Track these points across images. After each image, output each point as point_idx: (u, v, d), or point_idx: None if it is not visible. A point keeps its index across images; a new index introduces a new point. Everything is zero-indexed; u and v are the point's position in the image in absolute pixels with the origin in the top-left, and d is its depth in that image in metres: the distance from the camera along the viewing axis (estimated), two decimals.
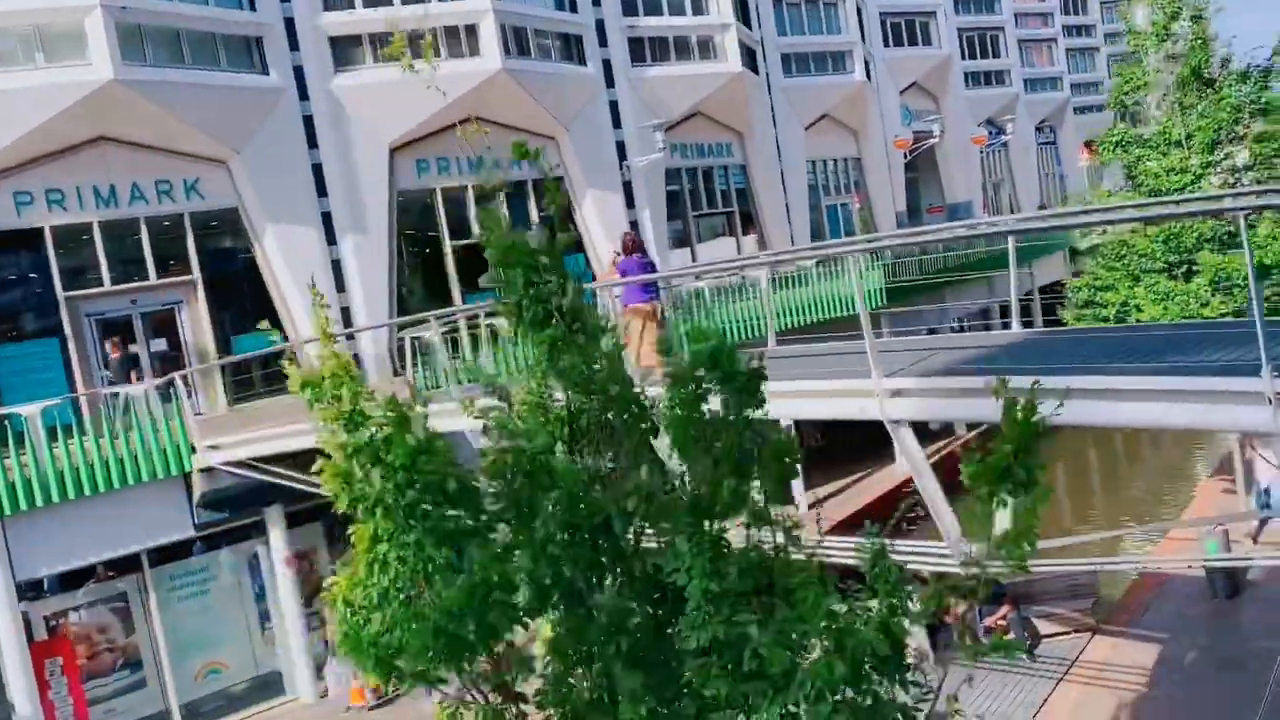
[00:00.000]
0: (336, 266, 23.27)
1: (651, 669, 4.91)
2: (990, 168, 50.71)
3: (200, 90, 20.96)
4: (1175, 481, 27.22)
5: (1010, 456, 4.67)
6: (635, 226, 27.80)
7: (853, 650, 4.76)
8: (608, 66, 29.20)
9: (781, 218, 35.27)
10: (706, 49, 31.71)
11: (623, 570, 5.07)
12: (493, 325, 16.62)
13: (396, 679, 4.75)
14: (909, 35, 45.26)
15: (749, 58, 33.39)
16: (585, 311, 5.26)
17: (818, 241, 35.56)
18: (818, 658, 4.81)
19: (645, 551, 5.21)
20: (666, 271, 20.19)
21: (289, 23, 23.12)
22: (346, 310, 23.04)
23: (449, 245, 25.57)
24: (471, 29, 24.83)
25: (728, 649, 4.79)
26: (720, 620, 4.77)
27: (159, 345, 21.30)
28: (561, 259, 5.32)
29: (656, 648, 5.01)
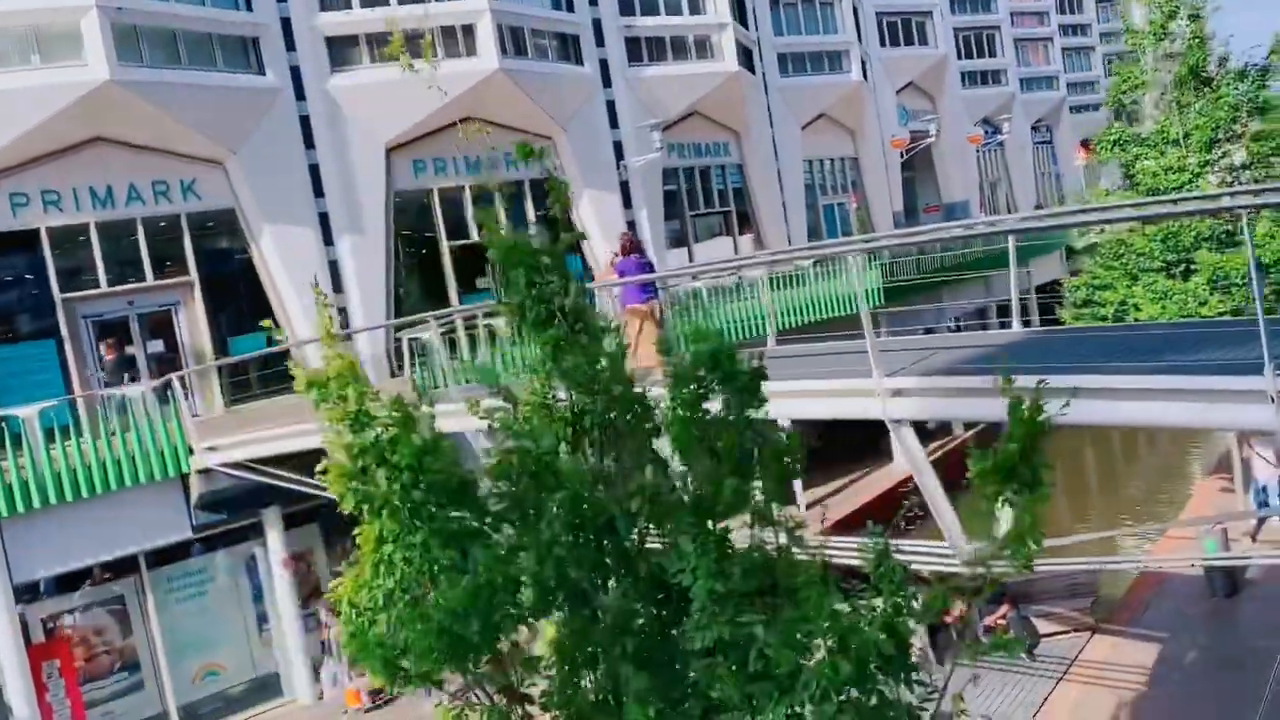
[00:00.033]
0: (334, 267, 23.20)
1: (657, 670, 4.89)
2: (987, 167, 50.77)
3: (196, 91, 20.91)
4: (1172, 481, 27.22)
5: (1016, 456, 4.67)
6: (632, 226, 27.80)
7: (857, 650, 4.75)
8: (605, 66, 29.17)
9: (778, 217, 35.27)
10: (703, 49, 31.70)
11: (627, 571, 5.05)
12: (490, 326, 16.62)
13: (402, 680, 4.73)
14: (905, 35, 45.31)
15: (746, 57, 33.37)
16: (588, 312, 5.25)
17: (815, 241, 35.58)
18: (822, 658, 4.80)
19: (649, 552, 5.19)
20: (664, 272, 20.15)
21: (285, 23, 23.07)
22: (344, 311, 22.99)
23: (446, 246, 25.51)
24: (468, 29, 24.79)
25: (733, 649, 4.78)
26: (725, 621, 4.75)
27: (156, 346, 21.24)
28: (564, 259, 5.31)
29: (661, 648, 4.99)
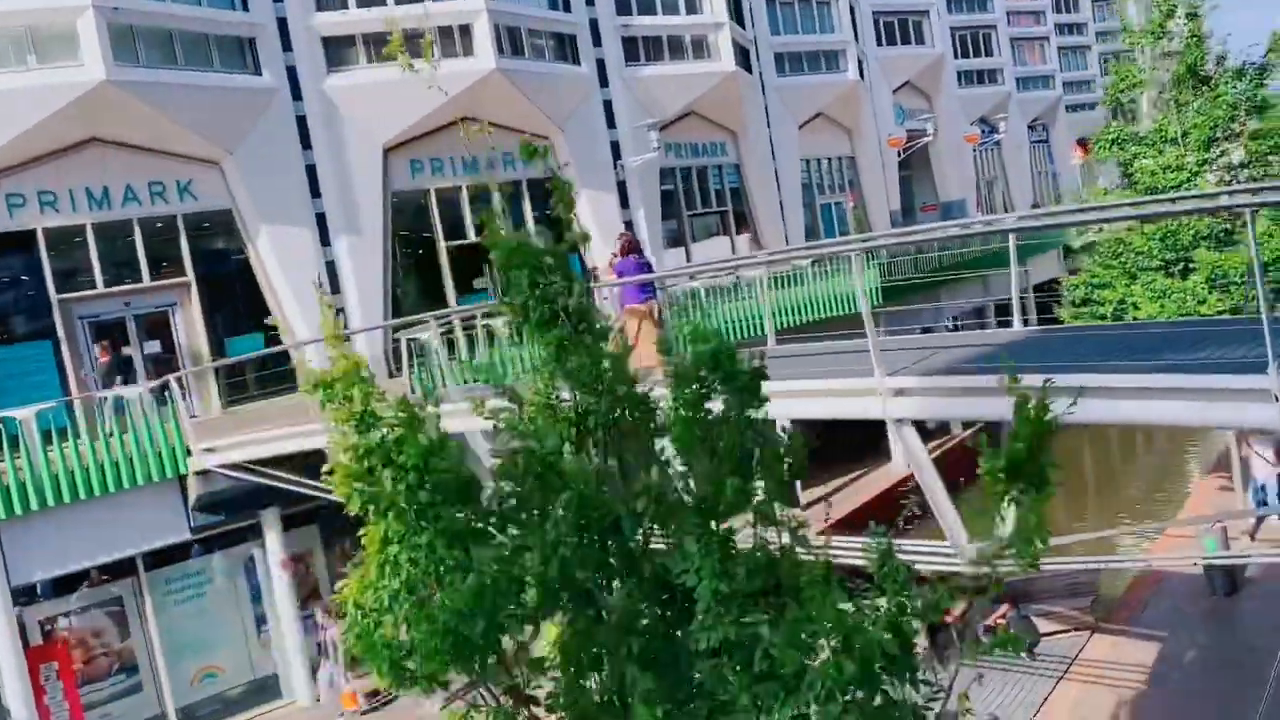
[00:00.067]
0: (331, 268, 23.16)
1: (662, 671, 4.87)
2: (983, 166, 50.82)
3: (193, 91, 20.86)
4: (1170, 480, 27.24)
5: (1023, 455, 4.65)
6: (630, 226, 27.80)
7: (861, 650, 4.73)
8: (602, 66, 29.16)
9: (776, 216, 35.27)
10: (700, 48, 31.69)
11: (631, 571, 5.03)
12: (489, 326, 16.59)
13: (409, 681, 4.70)
14: (902, 34, 45.35)
15: (743, 57, 33.37)
16: (591, 312, 5.23)
17: (812, 241, 35.60)
18: (827, 658, 4.78)
19: (653, 553, 5.17)
20: (663, 272, 20.13)
21: (282, 23, 23.03)
22: (341, 311, 22.95)
23: (443, 246, 25.49)
24: (465, 29, 24.77)
25: (739, 650, 4.76)
26: (731, 621, 4.73)
27: (153, 347, 21.20)
28: (566, 259, 5.28)
29: (667, 649, 4.97)
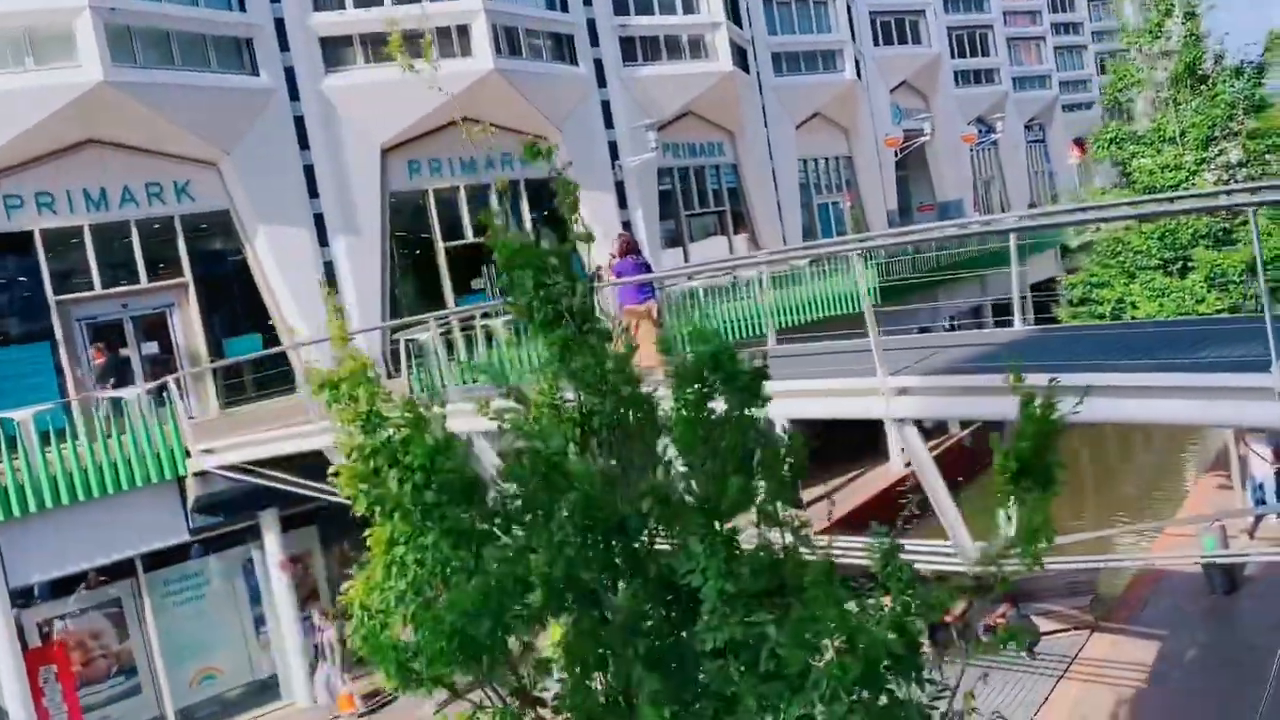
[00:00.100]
0: (329, 268, 23.14)
1: (668, 671, 4.86)
2: (980, 166, 50.84)
3: (190, 91, 20.83)
4: (1168, 478, 27.25)
5: (1030, 454, 4.64)
6: (628, 226, 27.82)
7: (866, 650, 4.72)
8: (599, 66, 29.16)
9: (773, 216, 35.27)
10: (698, 48, 31.69)
11: (637, 572, 5.02)
12: (487, 327, 16.57)
13: (415, 683, 4.69)
14: (899, 34, 45.36)
15: (740, 57, 33.37)
16: (595, 312, 5.22)
17: (809, 241, 35.60)
18: (831, 658, 4.77)
19: (658, 553, 5.16)
20: (662, 272, 20.12)
21: (279, 23, 23.01)
22: (341, 312, 22.86)
23: (441, 246, 25.47)
24: (463, 29, 24.77)
25: (744, 650, 4.75)
26: (736, 621, 4.72)
27: (150, 349, 21.18)
28: (569, 260, 5.27)
29: (672, 650, 4.96)
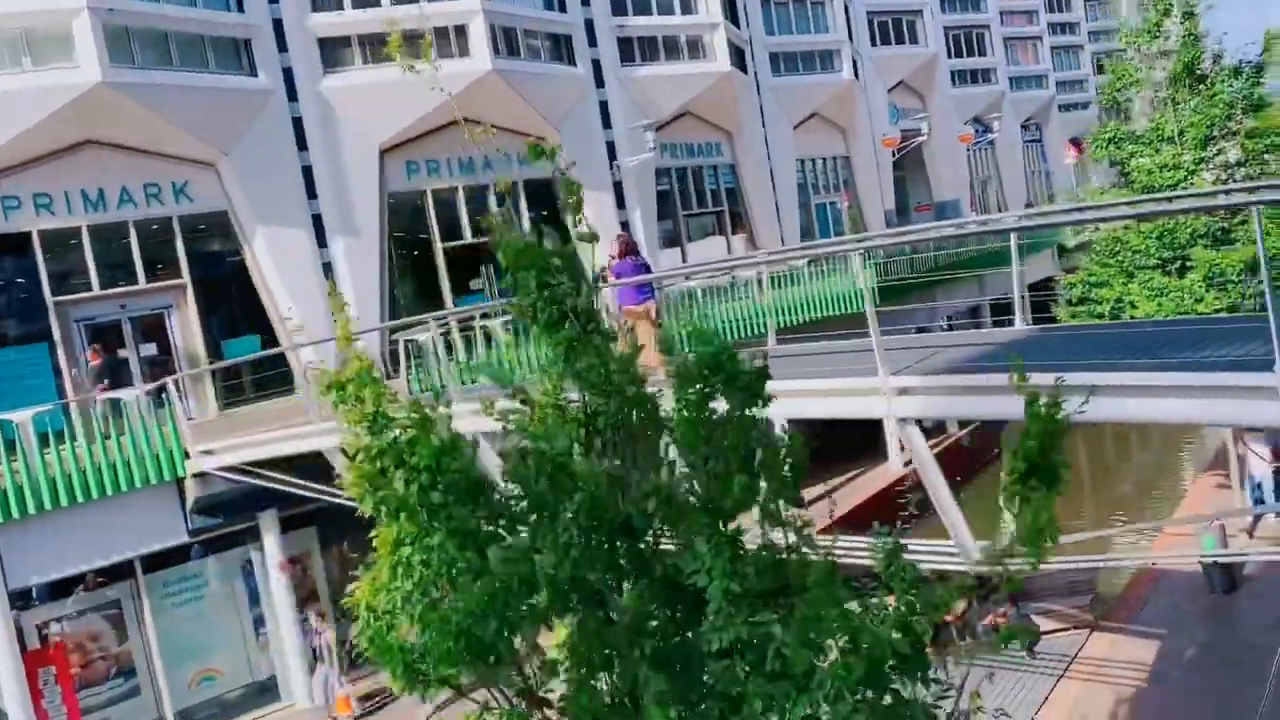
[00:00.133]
0: (327, 269, 23.13)
1: (674, 671, 4.85)
2: (977, 165, 50.90)
3: (188, 92, 20.82)
4: (1166, 478, 27.29)
5: (1036, 453, 4.65)
6: (626, 226, 27.82)
7: (870, 649, 4.72)
8: (597, 66, 29.17)
9: (771, 216, 35.29)
10: (695, 48, 31.71)
11: (642, 572, 5.02)
12: (486, 327, 16.56)
13: (422, 684, 4.68)
14: (896, 34, 45.40)
15: (738, 57, 33.38)
16: (599, 313, 5.21)
17: (807, 241, 35.62)
18: (836, 658, 4.77)
19: (663, 554, 5.16)
20: (660, 272, 20.11)
21: (277, 24, 23.01)
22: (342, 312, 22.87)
23: (440, 247, 25.47)
24: (461, 30, 24.77)
25: (750, 650, 4.74)
26: (742, 621, 4.72)
27: (149, 350, 21.16)
28: (573, 260, 5.26)
29: (678, 650, 4.95)
